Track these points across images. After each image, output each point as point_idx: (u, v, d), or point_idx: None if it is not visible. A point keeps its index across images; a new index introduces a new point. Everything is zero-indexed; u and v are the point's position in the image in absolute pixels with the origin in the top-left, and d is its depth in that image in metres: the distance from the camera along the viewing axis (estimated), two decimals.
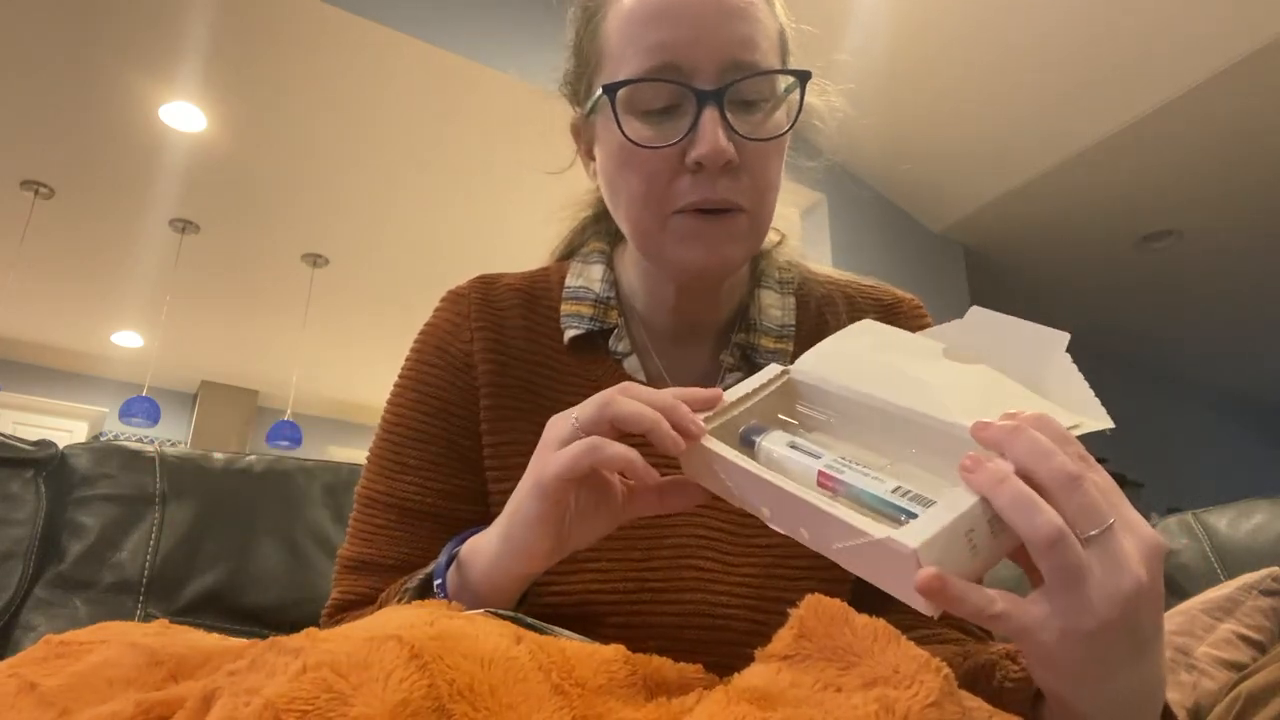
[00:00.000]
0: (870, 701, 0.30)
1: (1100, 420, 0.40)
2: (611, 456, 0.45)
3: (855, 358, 0.48)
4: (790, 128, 0.62)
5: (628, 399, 0.46)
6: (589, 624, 0.60)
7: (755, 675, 0.34)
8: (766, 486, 0.43)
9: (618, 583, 0.61)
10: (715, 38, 0.58)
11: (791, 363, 0.69)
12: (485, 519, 0.63)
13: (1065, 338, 0.44)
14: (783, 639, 0.36)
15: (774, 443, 0.46)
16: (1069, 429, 0.39)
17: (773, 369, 0.51)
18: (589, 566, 0.61)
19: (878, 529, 0.37)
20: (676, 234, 0.61)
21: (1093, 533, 0.36)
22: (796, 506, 0.41)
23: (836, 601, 0.37)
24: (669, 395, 0.47)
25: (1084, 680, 0.38)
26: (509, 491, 0.61)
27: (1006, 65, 3.19)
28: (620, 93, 0.60)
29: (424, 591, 0.56)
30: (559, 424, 0.49)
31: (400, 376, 0.71)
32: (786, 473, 0.44)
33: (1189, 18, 2.84)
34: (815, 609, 0.36)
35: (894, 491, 0.39)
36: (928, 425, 0.42)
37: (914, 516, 0.37)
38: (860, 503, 0.41)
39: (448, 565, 0.55)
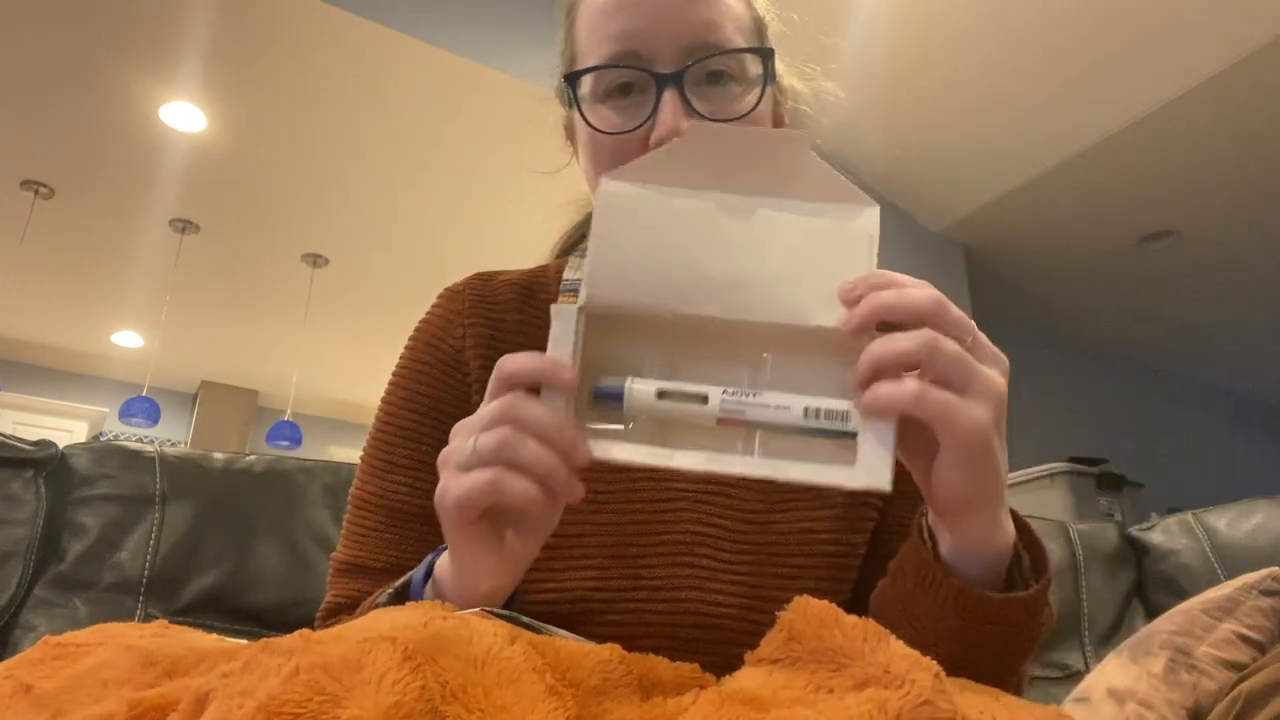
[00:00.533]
0: (863, 702, 0.30)
1: (868, 214, 0.44)
2: (513, 496, 0.42)
3: (640, 258, 0.43)
4: (756, 107, 0.61)
5: (530, 442, 0.42)
6: (584, 621, 0.60)
7: (747, 678, 0.34)
8: (688, 469, 0.42)
9: (613, 580, 0.60)
10: (675, 22, 0.59)
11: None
12: None
13: (804, 139, 0.44)
14: (772, 642, 0.36)
15: (640, 400, 0.42)
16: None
17: (567, 311, 0.44)
18: (584, 564, 0.61)
19: (842, 474, 0.40)
20: None
21: (970, 337, 0.42)
22: (733, 472, 0.41)
23: (824, 603, 0.37)
24: (557, 415, 0.43)
25: (995, 451, 0.42)
26: None
27: (1006, 65, 3.19)
28: (586, 82, 0.61)
29: (398, 602, 0.55)
30: (459, 439, 0.45)
31: (393, 375, 0.70)
32: (677, 429, 0.42)
33: (1189, 17, 2.84)
34: (803, 611, 0.36)
35: (805, 414, 0.40)
36: (777, 327, 0.42)
37: (839, 435, 0.40)
38: (775, 434, 0.41)
39: (425, 579, 0.54)
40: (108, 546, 0.99)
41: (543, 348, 0.68)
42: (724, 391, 0.41)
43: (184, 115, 3.43)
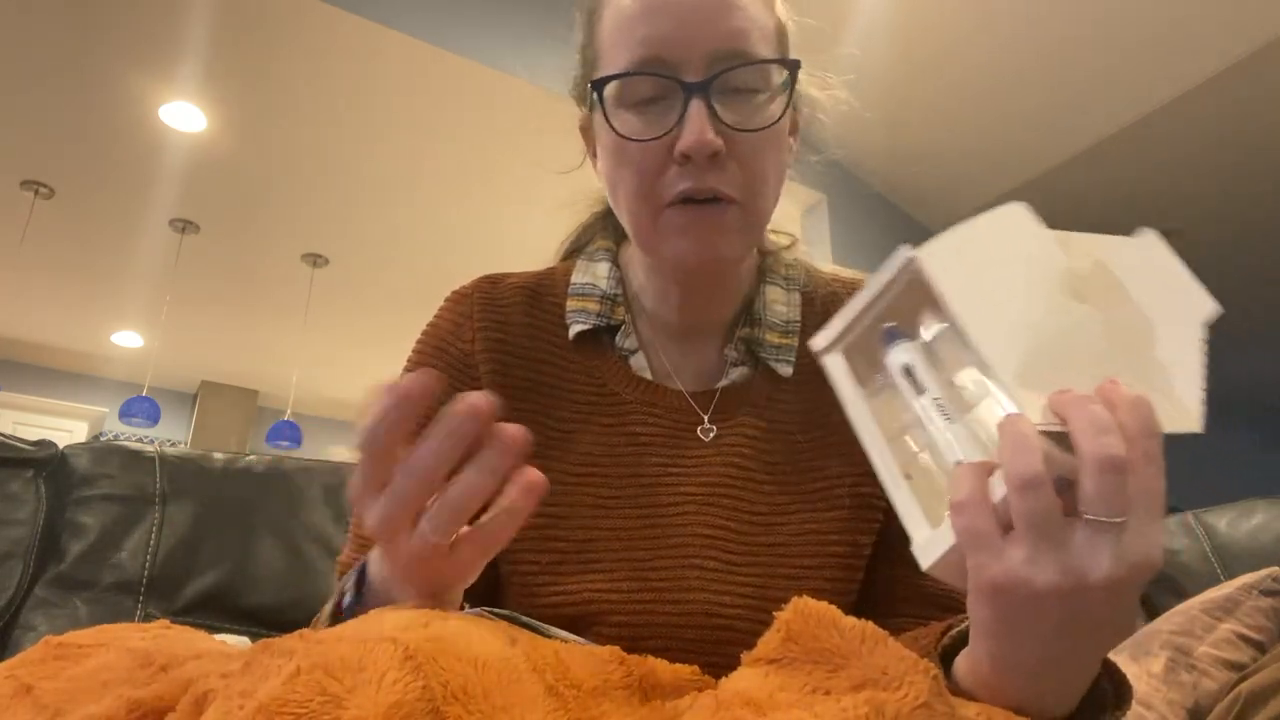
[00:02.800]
0: (860, 704, 0.30)
1: (1187, 422, 0.38)
2: (501, 532, 0.42)
3: (981, 262, 0.44)
4: (780, 118, 0.61)
5: (458, 491, 0.41)
6: (591, 624, 0.60)
7: (743, 679, 0.34)
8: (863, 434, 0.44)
9: (620, 582, 0.60)
10: (702, 30, 0.59)
11: (795, 359, 0.68)
12: None
13: (1209, 310, 0.40)
14: (769, 643, 0.36)
15: (895, 359, 0.44)
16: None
17: (902, 256, 0.45)
18: (592, 567, 0.61)
19: (918, 531, 0.39)
20: (668, 228, 0.61)
21: (1096, 518, 0.36)
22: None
23: (822, 604, 0.37)
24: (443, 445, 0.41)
25: (1006, 635, 0.38)
26: None
27: (1007, 65, 3.19)
28: (611, 88, 0.61)
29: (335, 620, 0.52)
30: (407, 538, 0.42)
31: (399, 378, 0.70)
32: (891, 396, 0.44)
33: (1189, 18, 2.84)
34: (801, 612, 0.36)
35: (957, 465, 0.40)
36: (996, 387, 0.41)
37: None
38: (933, 454, 0.42)
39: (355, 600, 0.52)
40: (108, 546, 0.99)
41: (550, 354, 0.68)
42: (936, 398, 0.42)
43: (184, 115, 3.43)
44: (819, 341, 0.47)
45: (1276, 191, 3.67)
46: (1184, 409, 0.38)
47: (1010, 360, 0.40)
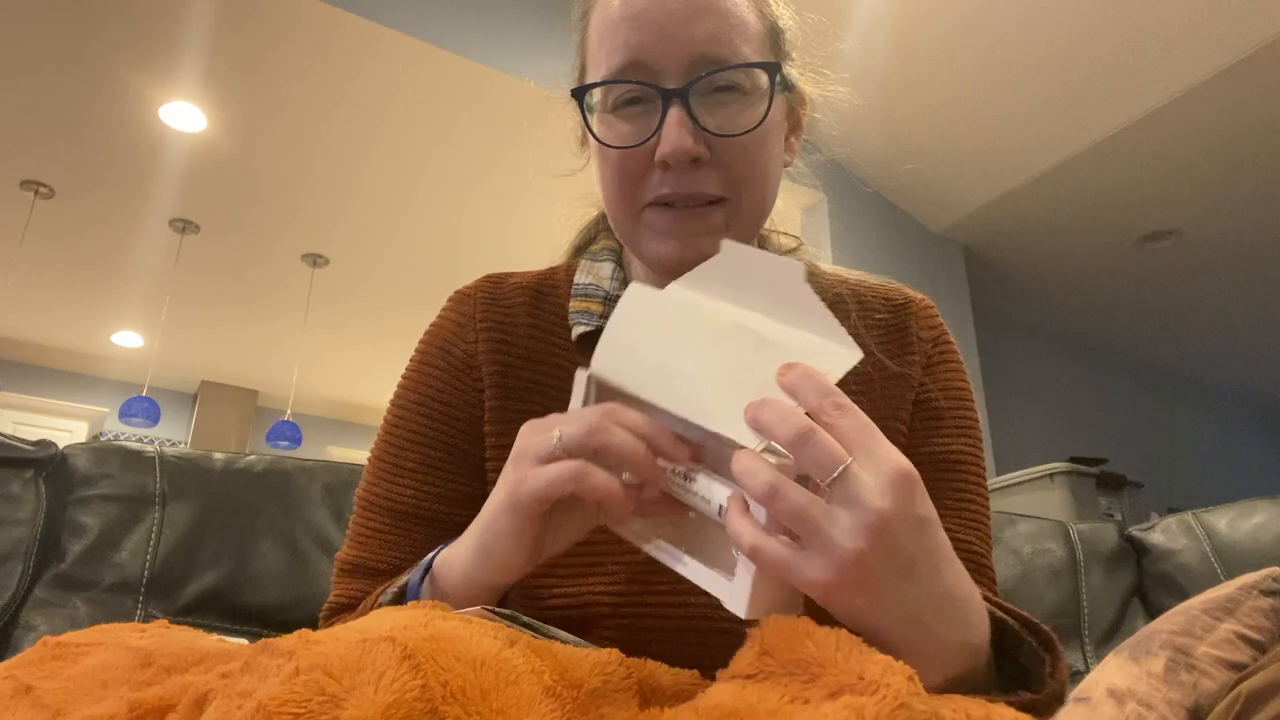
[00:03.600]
0: (840, 709, 0.30)
1: (847, 355, 0.43)
2: (594, 486, 0.45)
3: (634, 350, 0.49)
4: (764, 120, 0.60)
5: (615, 428, 0.46)
6: (594, 626, 0.60)
7: (721, 694, 0.34)
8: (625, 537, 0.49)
9: (622, 585, 0.60)
10: (681, 36, 0.59)
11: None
12: None
13: (801, 269, 0.45)
14: (744, 658, 0.37)
15: None
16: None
17: (580, 376, 0.51)
18: (594, 570, 0.61)
19: (724, 590, 0.43)
20: (650, 228, 0.62)
21: (829, 479, 0.39)
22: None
23: (796, 617, 0.37)
24: (657, 428, 0.47)
25: (859, 609, 0.40)
26: None
27: (1006, 65, 3.19)
28: (594, 94, 0.61)
29: (397, 604, 0.56)
30: (537, 435, 0.48)
31: (403, 378, 0.70)
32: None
33: (1189, 18, 2.84)
34: (775, 626, 0.37)
35: (719, 511, 0.44)
36: (705, 431, 0.45)
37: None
38: (698, 515, 0.46)
39: (421, 580, 0.55)
40: (108, 546, 0.99)
41: (554, 354, 0.69)
42: (672, 469, 0.46)
43: (184, 115, 3.43)
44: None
45: (1276, 191, 3.67)
46: (839, 351, 0.43)
47: (700, 405, 0.44)
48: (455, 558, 0.53)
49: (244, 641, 0.74)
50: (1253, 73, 3.00)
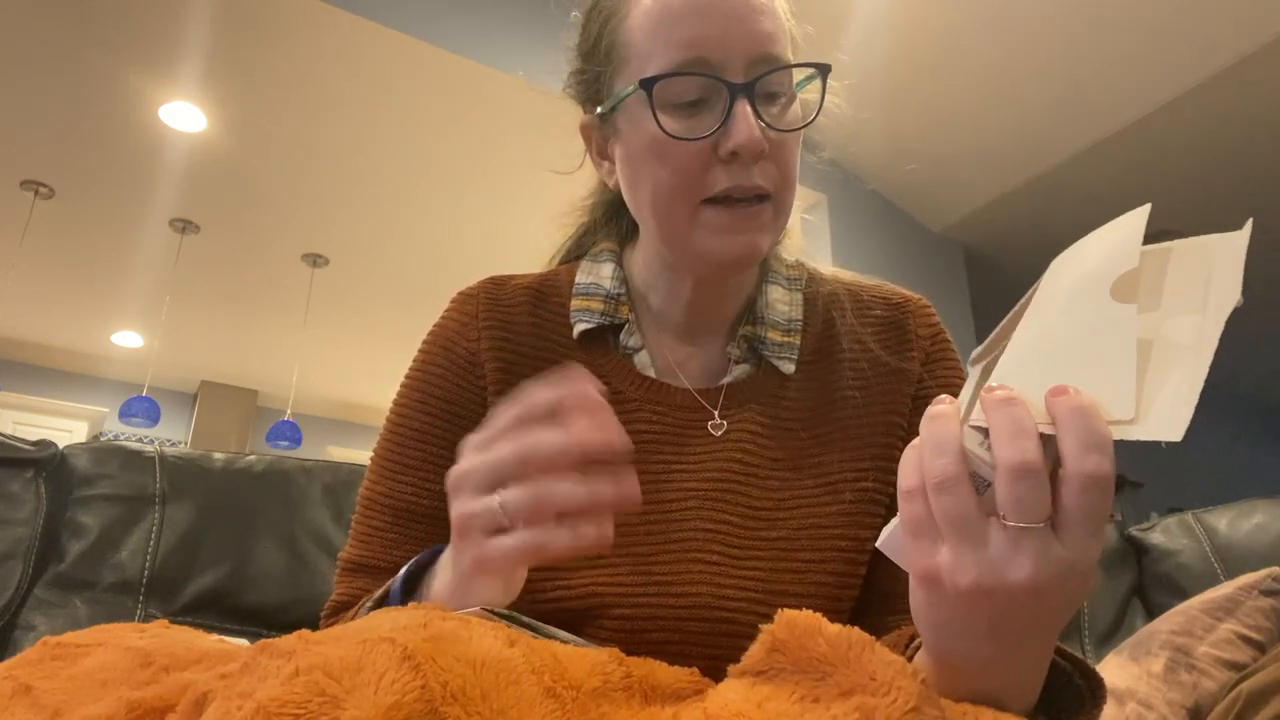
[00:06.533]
0: (850, 710, 0.30)
1: (1166, 432, 0.35)
2: (559, 550, 0.43)
3: (1071, 269, 0.43)
4: (815, 117, 0.63)
5: (561, 486, 0.43)
6: (595, 617, 0.60)
7: (730, 690, 0.34)
8: None
9: (624, 576, 0.61)
10: (743, 32, 0.60)
11: (798, 357, 0.70)
12: None
13: (1234, 301, 0.39)
14: (754, 655, 0.36)
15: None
16: (1121, 423, 0.36)
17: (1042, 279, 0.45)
18: (595, 561, 0.62)
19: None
20: (708, 226, 0.62)
21: (1014, 524, 0.36)
22: None
23: (808, 613, 0.37)
24: (560, 437, 0.44)
25: (940, 631, 0.40)
26: None
27: (1006, 66, 3.19)
28: (640, 90, 0.61)
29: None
30: (473, 505, 0.45)
31: (406, 378, 0.71)
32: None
33: (1189, 18, 2.84)
34: (787, 623, 0.36)
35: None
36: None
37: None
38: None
39: (402, 590, 0.55)
40: (108, 546, 0.99)
41: (555, 353, 0.69)
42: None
43: (184, 115, 3.43)
44: (975, 353, 0.47)
45: (1277, 191, 3.67)
46: (1168, 416, 0.35)
47: (1014, 350, 0.40)
48: (442, 570, 0.53)
49: (244, 642, 0.74)
50: (1252, 73, 3.00)
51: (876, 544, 0.41)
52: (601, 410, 0.44)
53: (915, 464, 0.39)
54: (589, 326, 0.69)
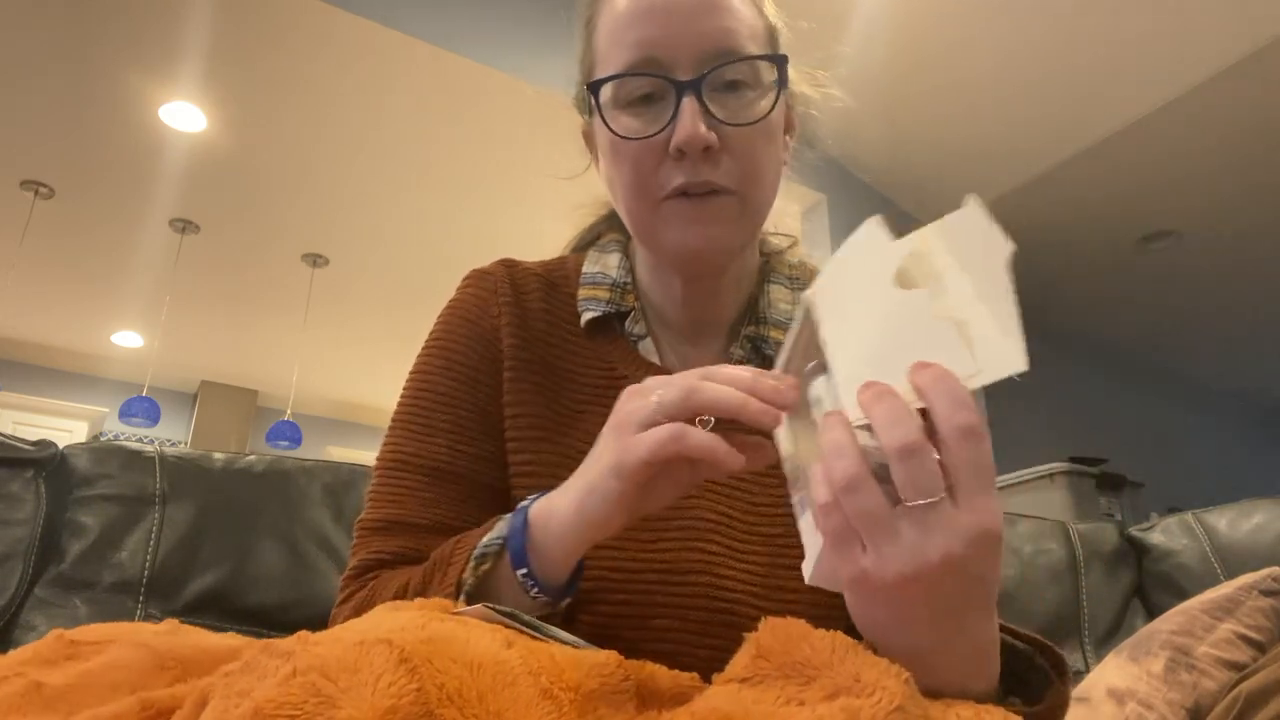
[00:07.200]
0: (835, 712, 0.30)
1: (1009, 365, 0.40)
2: (696, 446, 0.46)
3: (843, 285, 0.47)
4: (771, 112, 0.63)
5: (712, 384, 0.46)
6: (597, 600, 0.61)
7: (716, 697, 0.34)
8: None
9: (625, 562, 0.62)
10: (692, 30, 0.61)
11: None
12: (507, 485, 0.66)
13: (1008, 250, 0.43)
14: (739, 662, 0.37)
15: (810, 394, 0.47)
16: (969, 376, 0.39)
17: (803, 302, 0.48)
18: (598, 547, 0.62)
19: (810, 549, 0.43)
20: (667, 220, 0.63)
21: (916, 503, 0.37)
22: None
23: (793, 620, 0.37)
24: (748, 373, 0.47)
25: (884, 629, 0.40)
26: (526, 464, 0.65)
27: (1006, 65, 3.19)
28: (607, 89, 0.63)
29: (484, 557, 0.55)
30: (635, 403, 0.49)
31: (426, 348, 0.72)
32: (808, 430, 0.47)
33: (1189, 18, 2.84)
34: (772, 630, 0.37)
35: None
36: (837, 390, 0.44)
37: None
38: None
39: (523, 528, 0.55)
40: (108, 546, 0.99)
41: (564, 337, 0.70)
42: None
43: (184, 115, 3.43)
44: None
45: (1277, 191, 3.67)
46: (1005, 353, 0.40)
47: (845, 363, 0.42)
48: (555, 513, 0.53)
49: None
50: (1253, 73, 3.00)
51: (806, 580, 0.42)
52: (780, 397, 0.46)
53: (823, 478, 0.40)
54: (596, 315, 0.71)
